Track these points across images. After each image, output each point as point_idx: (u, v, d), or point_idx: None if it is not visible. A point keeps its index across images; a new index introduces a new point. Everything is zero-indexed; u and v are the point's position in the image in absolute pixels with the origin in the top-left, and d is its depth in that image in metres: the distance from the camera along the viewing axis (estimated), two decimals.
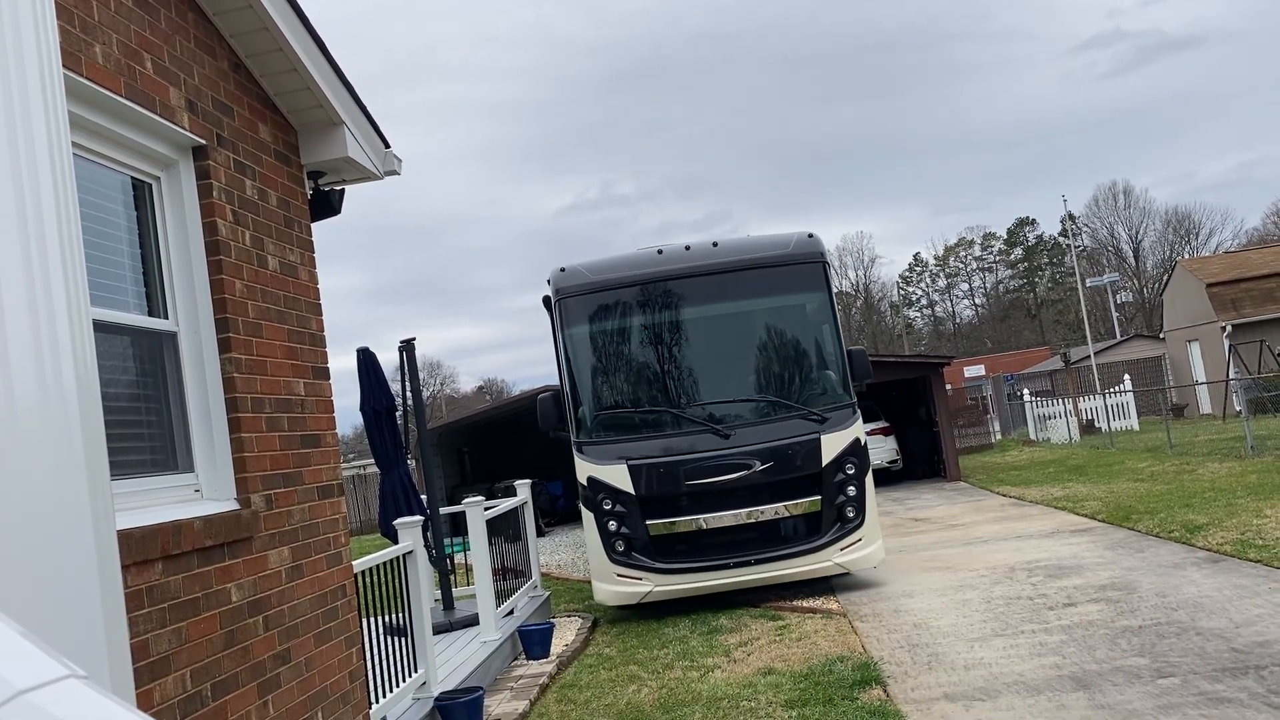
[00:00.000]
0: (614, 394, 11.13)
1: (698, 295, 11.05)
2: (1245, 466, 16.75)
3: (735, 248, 11.29)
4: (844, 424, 10.72)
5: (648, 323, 11.14)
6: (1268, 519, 11.26)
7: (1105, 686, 6.42)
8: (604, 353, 11.19)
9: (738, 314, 11.22)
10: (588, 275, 11.19)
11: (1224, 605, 8.07)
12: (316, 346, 5.15)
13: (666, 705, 7.32)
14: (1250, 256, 35.92)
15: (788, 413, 10.72)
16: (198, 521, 3.86)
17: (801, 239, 11.33)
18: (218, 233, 4.34)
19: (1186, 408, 34.22)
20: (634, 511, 10.35)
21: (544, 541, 20.01)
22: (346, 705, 4.96)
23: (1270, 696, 5.82)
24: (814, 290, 11.30)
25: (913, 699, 6.73)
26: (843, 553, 10.47)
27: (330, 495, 5.06)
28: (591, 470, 10.57)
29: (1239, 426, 22.32)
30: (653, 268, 11.10)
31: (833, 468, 10.51)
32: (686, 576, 10.31)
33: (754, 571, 10.31)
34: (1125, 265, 72.94)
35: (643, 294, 11.07)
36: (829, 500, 10.48)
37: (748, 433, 10.56)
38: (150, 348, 4.15)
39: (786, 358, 11.43)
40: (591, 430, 10.86)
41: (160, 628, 3.59)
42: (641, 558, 10.35)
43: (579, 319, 11.16)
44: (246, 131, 4.73)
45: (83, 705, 1.23)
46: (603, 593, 10.62)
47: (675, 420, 10.71)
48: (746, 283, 11.10)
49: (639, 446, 10.60)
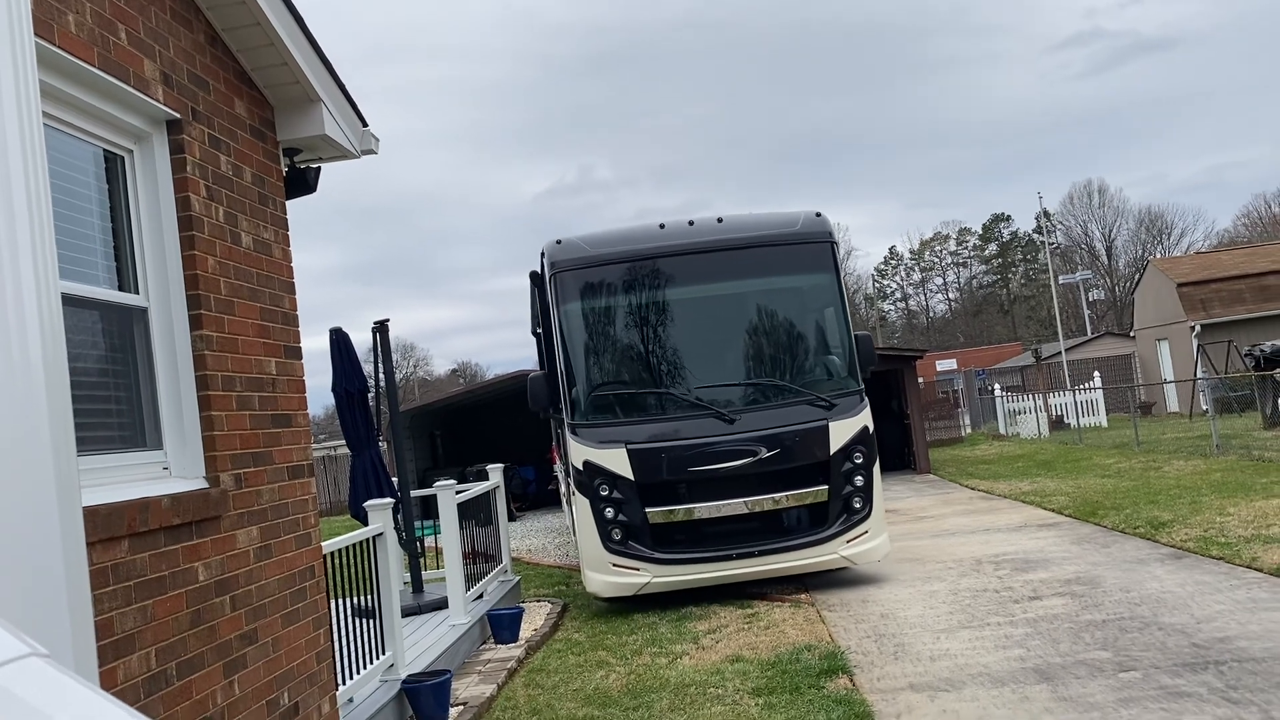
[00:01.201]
0: (612, 375, 10.63)
1: (701, 273, 10.59)
2: (1210, 465, 16.97)
3: (741, 224, 10.83)
4: (852, 411, 10.30)
5: (648, 300, 10.62)
6: (1230, 517, 11.41)
7: (1068, 679, 6.49)
8: (601, 331, 10.67)
9: (742, 294, 10.78)
10: (586, 249, 10.66)
11: (1186, 601, 8.18)
12: (289, 325, 5.10)
13: (634, 691, 7.34)
14: (1221, 258, 36.33)
15: (794, 398, 10.30)
16: (165, 499, 3.82)
17: (809, 217, 10.92)
18: (191, 208, 4.28)
19: (1154, 406, 34.60)
20: (633, 498, 9.86)
21: (515, 526, 20.00)
22: (313, 686, 4.93)
23: (1229, 691, 5.91)
24: (822, 271, 10.88)
25: (879, 688, 6.79)
26: (849, 545, 10.08)
27: (300, 476, 5.02)
28: (588, 454, 10.03)
29: (1205, 425, 22.61)
30: (654, 243, 10.62)
31: (840, 456, 10.10)
32: (687, 568, 9.88)
33: (757, 563, 9.89)
34: (1098, 263, 73.57)
35: (643, 270, 10.56)
36: (836, 490, 10.07)
37: (753, 418, 10.12)
38: (120, 323, 4.10)
39: (793, 340, 11.01)
40: (588, 412, 10.33)
41: (125, 606, 3.55)
42: (639, 547, 9.88)
43: (575, 294, 10.59)
44: (222, 106, 4.67)
45: (44, 684, 1.22)
46: (596, 583, 10.12)
47: (677, 403, 10.22)
48: (752, 261, 10.65)
49: (639, 430, 10.10)
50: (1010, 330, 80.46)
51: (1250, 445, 18.99)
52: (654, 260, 10.54)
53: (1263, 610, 7.62)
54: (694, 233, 10.67)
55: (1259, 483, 13.94)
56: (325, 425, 57.44)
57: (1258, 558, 9.23)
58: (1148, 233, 73.92)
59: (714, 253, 10.56)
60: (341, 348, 10.21)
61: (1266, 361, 23.21)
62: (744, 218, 11.01)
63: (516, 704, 7.37)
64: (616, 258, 10.57)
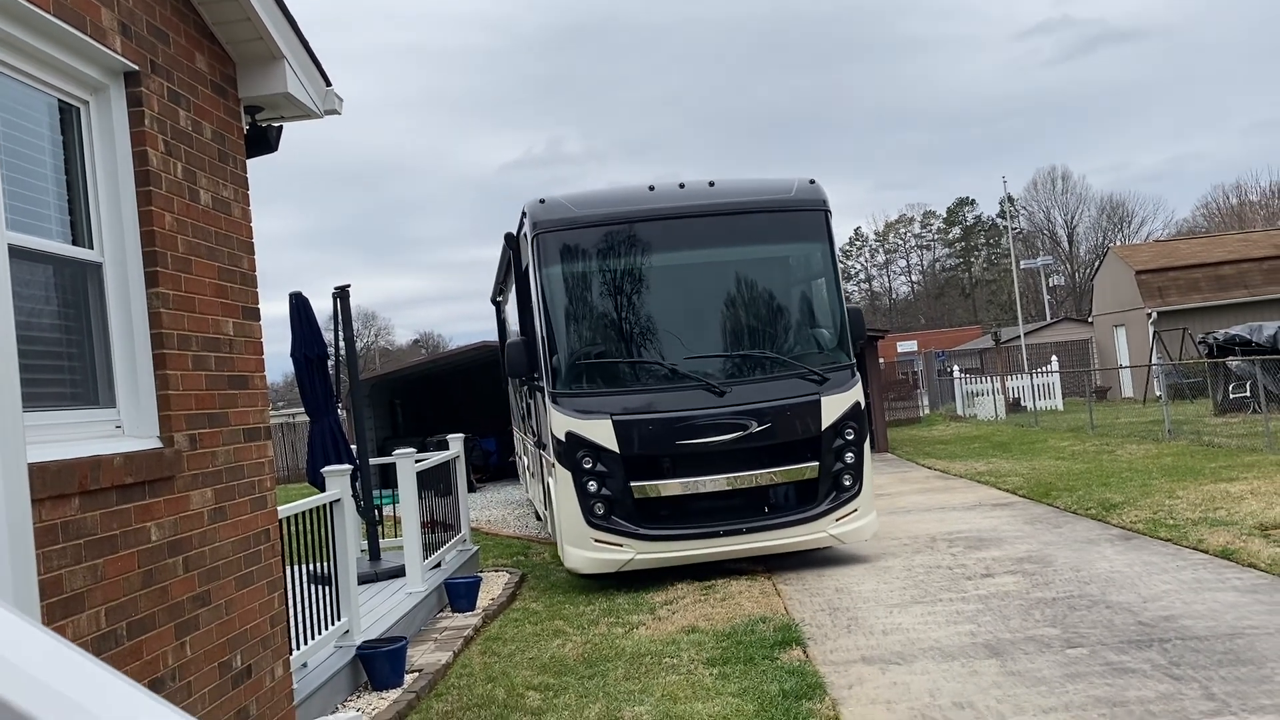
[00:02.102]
0: (596, 342, 10.16)
1: (692, 238, 10.19)
2: (1161, 449, 17.28)
3: (733, 189, 10.41)
4: (844, 386, 10.01)
5: (636, 265, 10.17)
6: (1179, 500, 11.64)
7: (1017, 654, 6.61)
8: (586, 296, 10.19)
9: (733, 261, 10.37)
10: (571, 209, 10.15)
11: (1134, 581, 8.34)
12: (247, 286, 5.03)
13: (590, 660, 7.38)
14: (1179, 246, 36.85)
15: (786, 371, 9.98)
16: (118, 458, 3.77)
17: (803, 184, 10.55)
18: (148, 163, 4.20)
19: (1110, 390, 35.13)
20: (617, 472, 9.49)
21: (475, 497, 19.96)
22: (266, 650, 4.91)
23: (1171, 668, 6.04)
24: (816, 240, 10.53)
25: (831, 660, 6.87)
26: (838, 523, 9.82)
27: (257, 438, 4.97)
28: (570, 424, 9.61)
29: (1158, 411, 23.00)
30: (643, 205, 10.15)
31: (831, 432, 9.81)
32: (672, 544, 9.52)
33: (745, 541, 9.61)
34: (1059, 249, 74.36)
35: (631, 233, 10.10)
36: (826, 467, 9.79)
37: (743, 390, 9.76)
38: (73, 278, 4.02)
39: (785, 311, 10.72)
40: (570, 381, 9.87)
41: (75, 564, 3.50)
42: (623, 522, 9.50)
43: (559, 257, 10.10)
44: (182, 60, 4.58)
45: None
46: (576, 559, 9.73)
47: (665, 374, 9.83)
48: (745, 227, 10.28)
49: (624, 401, 9.70)
50: (971, 313, 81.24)
51: (1201, 431, 19.36)
52: (643, 224, 10.11)
53: (1207, 590, 7.79)
54: (685, 196, 10.26)
55: (1208, 467, 14.22)
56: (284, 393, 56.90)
57: (1204, 540, 9.43)
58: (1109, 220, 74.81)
59: (705, 217, 10.17)
60: (301, 312, 10.09)
61: (1220, 349, 23.62)
62: (736, 182, 10.59)
63: (472, 671, 7.38)
64: (603, 219, 10.11)
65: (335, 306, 10.79)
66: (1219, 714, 5.26)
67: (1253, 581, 7.95)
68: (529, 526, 15.49)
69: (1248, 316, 28.93)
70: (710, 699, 6.18)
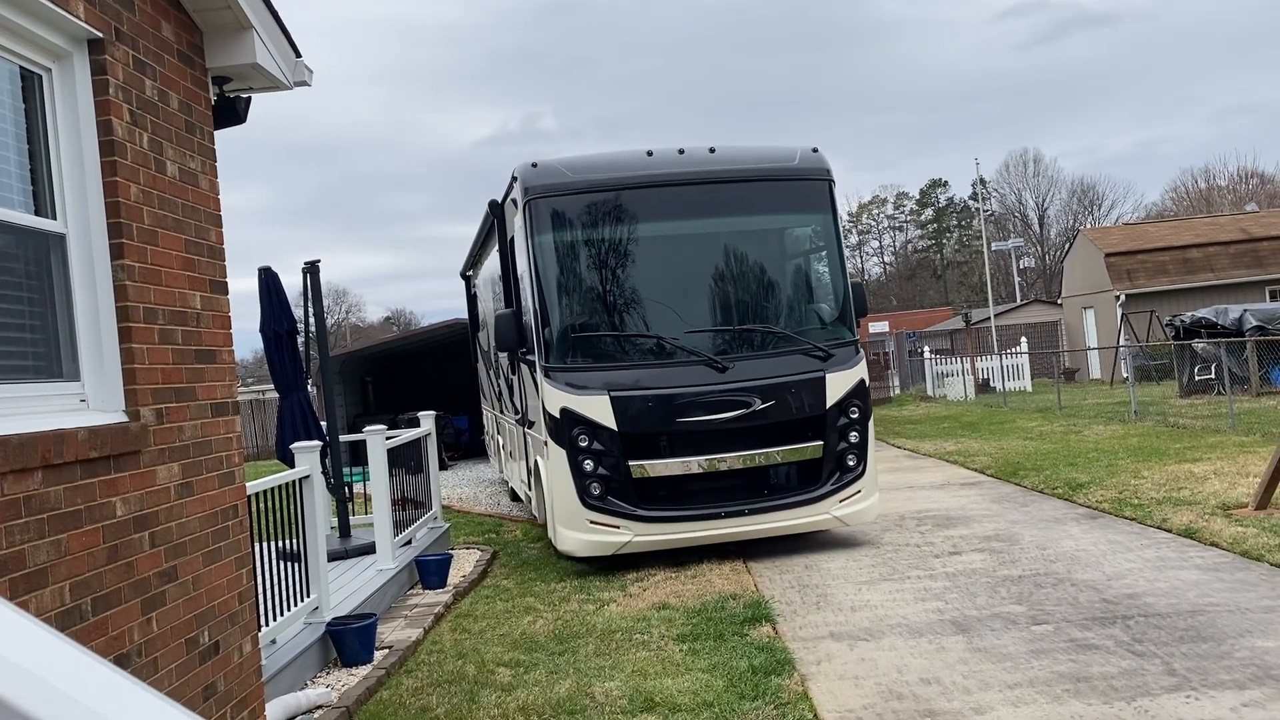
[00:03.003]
0: (593, 315, 9.71)
1: (692, 206, 9.79)
2: (1128, 430, 17.50)
3: (734, 156, 9.99)
4: (848, 362, 9.71)
5: (633, 234, 9.74)
6: (1144, 480, 11.79)
7: (983, 631, 6.69)
8: (581, 265, 9.76)
9: (735, 231, 10.04)
10: (566, 174, 9.70)
11: (1098, 559, 8.45)
12: (215, 259, 4.97)
13: (561, 636, 7.40)
14: (1148, 229, 37.20)
15: (789, 346, 9.63)
16: (82, 432, 3.72)
17: (806, 153, 10.17)
18: (113, 132, 4.12)
19: (1078, 372, 35.50)
20: (615, 450, 9.10)
21: (447, 475, 19.92)
22: (234, 626, 4.87)
23: (1134, 644, 6.14)
24: (819, 211, 10.19)
25: (800, 637, 6.92)
26: (841, 505, 9.53)
27: (225, 413, 4.92)
28: (565, 400, 9.19)
29: (1125, 392, 23.27)
30: (641, 170, 9.71)
31: (836, 411, 9.51)
32: (671, 526, 9.18)
33: (746, 523, 9.29)
34: (1030, 231, 74.86)
35: (629, 200, 9.67)
36: (831, 446, 9.48)
37: (746, 366, 9.41)
38: (36, 249, 3.95)
39: (788, 284, 10.42)
40: (565, 355, 9.45)
41: (38, 539, 3.46)
42: (621, 503, 9.13)
43: (552, 224, 9.65)
44: (148, 28, 4.49)
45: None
46: (571, 541, 9.33)
47: (665, 348, 9.43)
48: (747, 196, 9.92)
49: (622, 376, 9.31)
50: (942, 295, 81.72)
51: (1166, 412, 19.62)
52: (641, 190, 9.66)
53: (1170, 569, 7.91)
54: (684, 162, 9.84)
55: (1173, 448, 14.42)
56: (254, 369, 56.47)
57: (1168, 519, 9.56)
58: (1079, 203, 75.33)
59: (707, 185, 9.78)
60: (270, 287, 10.00)
61: (1186, 332, 23.91)
62: (737, 149, 10.16)
63: (443, 648, 7.38)
64: (600, 185, 9.66)
65: (305, 282, 10.71)
66: (1180, 689, 5.35)
67: (1215, 560, 8.08)
68: (501, 504, 15.48)
69: (1214, 299, 29.29)
70: (680, 675, 6.22)
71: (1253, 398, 20.49)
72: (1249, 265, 32.89)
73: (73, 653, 1.18)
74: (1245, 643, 6.00)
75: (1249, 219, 36.42)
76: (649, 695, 5.86)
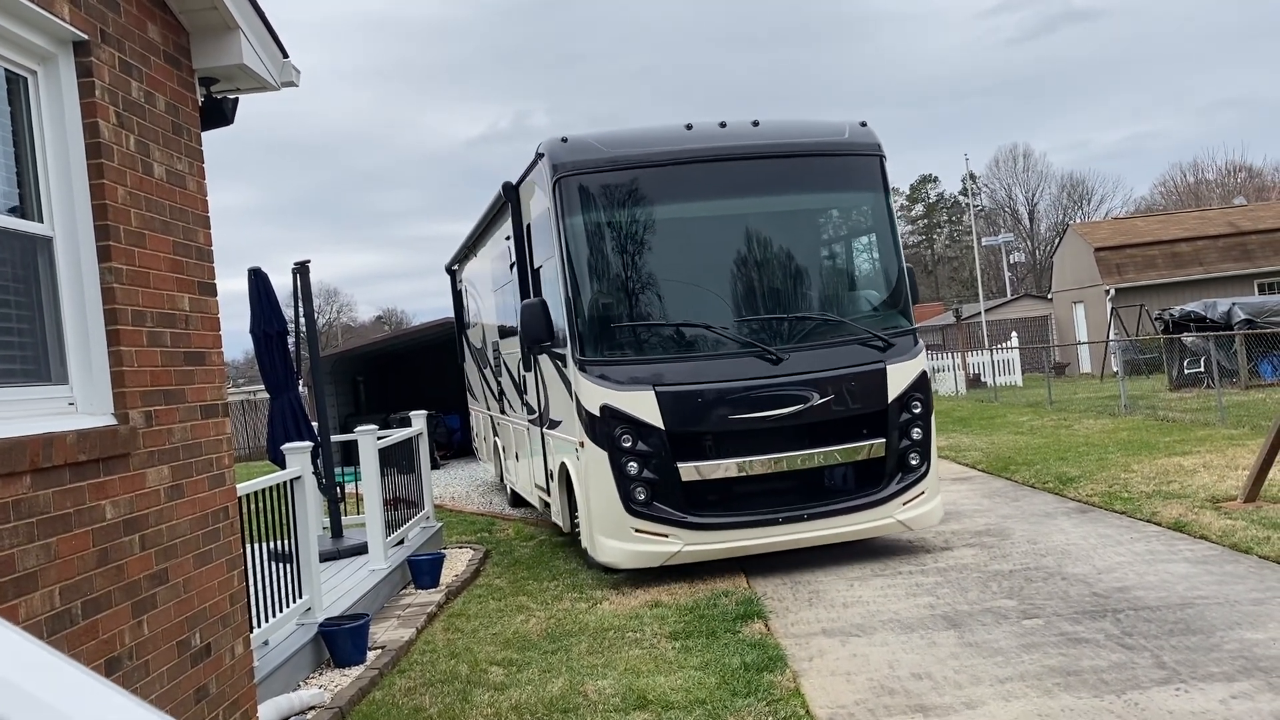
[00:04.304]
0: (633, 302, 8.99)
1: (737, 184, 9.10)
2: (1118, 424, 17.56)
3: (781, 130, 9.34)
4: (909, 353, 9.08)
5: (675, 214, 9.08)
6: (1134, 473, 11.84)
7: (975, 626, 6.71)
8: (620, 249, 9.07)
9: (783, 211, 9.36)
10: (600, 149, 9.02)
11: (1089, 553, 8.49)
12: (203, 261, 4.96)
13: (553, 635, 7.41)
14: (1137, 224, 37.32)
15: (846, 335, 8.95)
16: (71, 435, 3.71)
17: (855, 127, 9.55)
18: (99, 134, 4.11)
19: (1068, 366, 35.61)
20: (662, 451, 8.39)
21: (439, 474, 19.91)
22: (226, 628, 4.87)
23: (1124, 638, 6.17)
24: (872, 189, 9.53)
25: (792, 633, 6.94)
26: (905, 508, 8.84)
27: (214, 415, 4.91)
28: (606, 396, 8.48)
29: (1115, 386, 23.36)
30: (682, 145, 9.04)
31: (898, 405, 8.85)
32: (725, 534, 8.48)
33: (805, 529, 8.59)
34: (1020, 226, 75.03)
35: (669, 177, 8.98)
36: (893, 444, 8.81)
37: (801, 358, 8.71)
38: (23, 252, 3.94)
39: (841, 268, 9.76)
40: (604, 347, 8.74)
41: (28, 543, 3.45)
42: (669, 510, 8.42)
43: (587, 204, 8.94)
44: (134, 29, 4.48)
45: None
46: (613, 552, 8.57)
47: (713, 339, 8.73)
48: (796, 173, 9.26)
49: (667, 369, 8.61)
50: (933, 290, 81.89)
51: (1156, 406, 19.69)
52: (682, 166, 8.98)
53: (1160, 562, 7.95)
54: (727, 136, 9.17)
55: (1162, 441, 14.48)
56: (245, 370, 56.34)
57: (1157, 512, 9.61)
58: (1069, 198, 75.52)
59: (753, 160, 9.11)
60: (260, 288, 9.98)
61: (1175, 326, 24.00)
62: (782, 123, 9.50)
63: (435, 647, 7.38)
64: (638, 161, 8.97)
65: (295, 282, 10.68)
66: (1169, 682, 5.38)
67: (1204, 553, 8.12)
68: (493, 503, 15.47)
69: (1203, 293, 29.42)
70: (673, 672, 6.23)
71: (1241, 390, 20.59)
72: (1237, 259, 33.02)
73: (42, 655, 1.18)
74: (1234, 635, 6.03)
75: (1237, 213, 36.56)
76: (641, 693, 5.88)
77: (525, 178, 10.12)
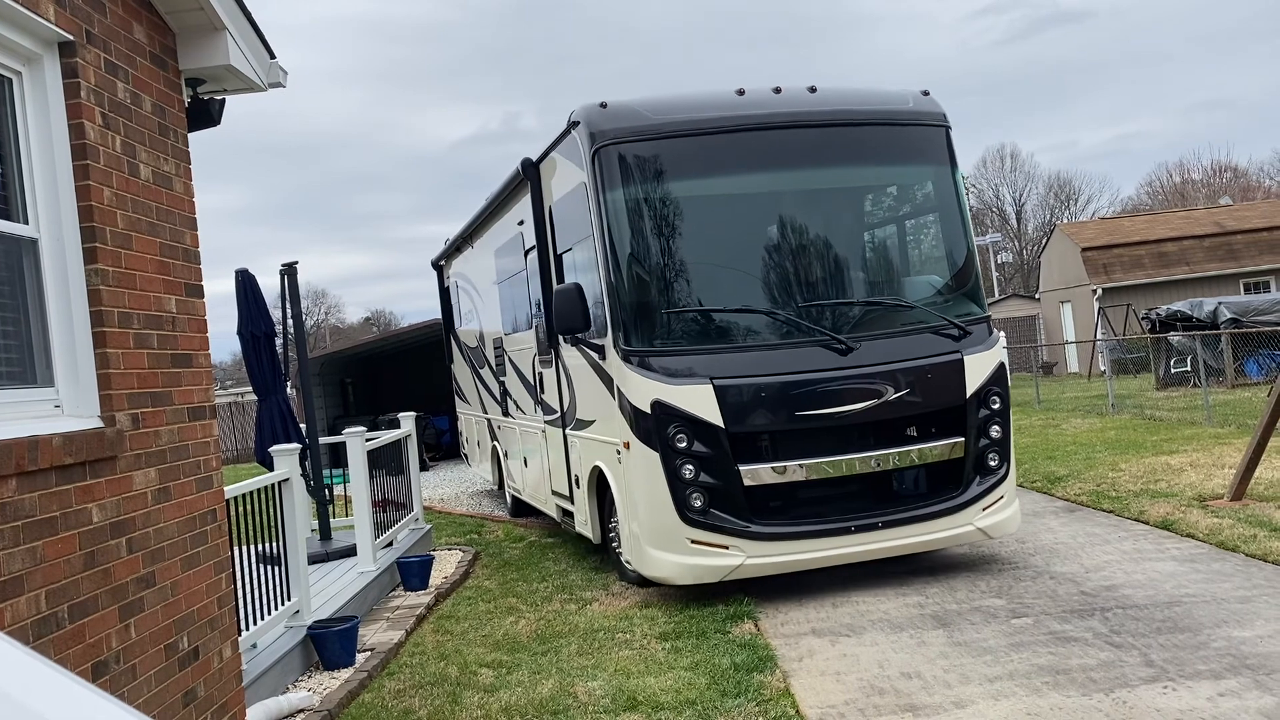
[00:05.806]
0: (685, 286, 8.17)
1: (797, 155, 8.33)
2: (1106, 423, 17.63)
3: (840, 97, 8.55)
4: (986, 343, 8.26)
5: (730, 188, 8.29)
6: (1122, 472, 11.89)
7: (963, 625, 6.73)
8: (667, 227, 8.22)
9: (847, 186, 8.69)
10: (646, 115, 8.17)
11: (1077, 551, 8.52)
12: (190, 263, 4.94)
13: (543, 637, 7.40)
14: (1124, 224, 37.50)
15: (918, 323, 8.19)
16: (57, 438, 3.69)
17: (919, 96, 8.85)
18: (85, 136, 4.09)
19: (1056, 366, 35.75)
20: (721, 453, 7.57)
21: (429, 476, 19.87)
22: (214, 631, 4.85)
23: (1112, 636, 6.19)
24: (940, 162, 8.72)
25: (782, 633, 6.95)
26: (984, 514, 8.05)
27: (202, 417, 4.89)
28: (658, 391, 7.63)
29: (1102, 385, 23.45)
30: (735, 111, 8.23)
31: (976, 401, 8.07)
32: (793, 545, 7.66)
33: (880, 539, 7.79)
34: (1008, 226, 75.25)
35: (723, 147, 8.16)
36: (972, 444, 8.03)
37: (871, 348, 7.92)
38: (8, 254, 3.91)
39: (910, 249, 8.97)
40: (653, 336, 7.89)
41: (14, 546, 3.43)
42: (730, 518, 7.59)
43: (629, 176, 8.09)
44: (120, 30, 4.46)
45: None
46: (666, 566, 7.72)
47: (774, 326, 7.93)
48: (860, 143, 8.53)
49: (725, 361, 7.76)
50: None
51: (1143, 405, 19.77)
52: (738, 134, 8.16)
53: (1147, 560, 7.98)
54: (781, 102, 8.37)
55: (1150, 440, 14.54)
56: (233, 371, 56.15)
57: (1145, 511, 9.65)
58: (1056, 198, 75.74)
59: (816, 128, 8.35)
60: (248, 289, 9.94)
61: (1162, 325, 24.11)
62: (841, 90, 8.72)
63: (425, 650, 7.37)
64: (689, 128, 8.12)
65: (282, 283, 10.65)
66: (1157, 680, 5.40)
67: (1191, 551, 8.16)
68: (482, 505, 15.45)
69: (1189, 292, 29.58)
70: (663, 673, 6.23)
71: (1228, 389, 20.69)
72: (1223, 258, 33.21)
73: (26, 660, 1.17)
74: (1221, 633, 6.06)
75: (1223, 212, 36.76)
76: (632, 694, 5.87)
77: (549, 153, 9.39)
